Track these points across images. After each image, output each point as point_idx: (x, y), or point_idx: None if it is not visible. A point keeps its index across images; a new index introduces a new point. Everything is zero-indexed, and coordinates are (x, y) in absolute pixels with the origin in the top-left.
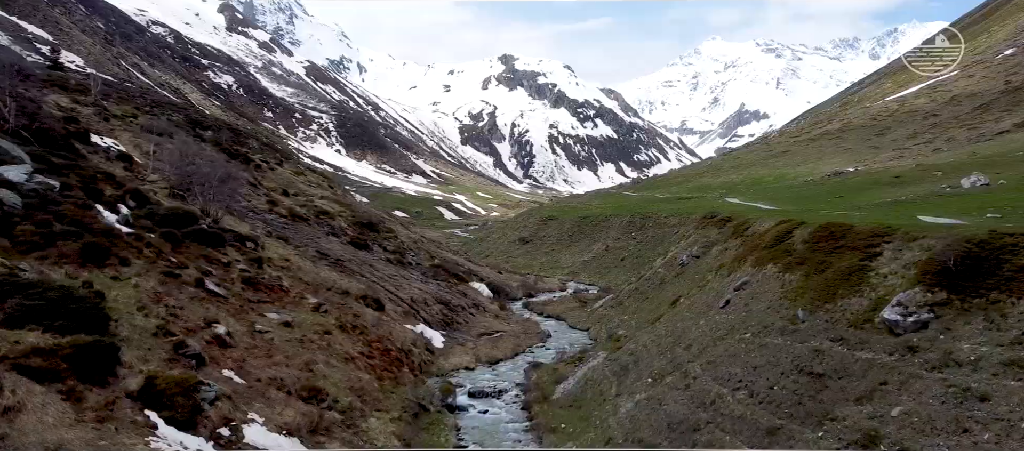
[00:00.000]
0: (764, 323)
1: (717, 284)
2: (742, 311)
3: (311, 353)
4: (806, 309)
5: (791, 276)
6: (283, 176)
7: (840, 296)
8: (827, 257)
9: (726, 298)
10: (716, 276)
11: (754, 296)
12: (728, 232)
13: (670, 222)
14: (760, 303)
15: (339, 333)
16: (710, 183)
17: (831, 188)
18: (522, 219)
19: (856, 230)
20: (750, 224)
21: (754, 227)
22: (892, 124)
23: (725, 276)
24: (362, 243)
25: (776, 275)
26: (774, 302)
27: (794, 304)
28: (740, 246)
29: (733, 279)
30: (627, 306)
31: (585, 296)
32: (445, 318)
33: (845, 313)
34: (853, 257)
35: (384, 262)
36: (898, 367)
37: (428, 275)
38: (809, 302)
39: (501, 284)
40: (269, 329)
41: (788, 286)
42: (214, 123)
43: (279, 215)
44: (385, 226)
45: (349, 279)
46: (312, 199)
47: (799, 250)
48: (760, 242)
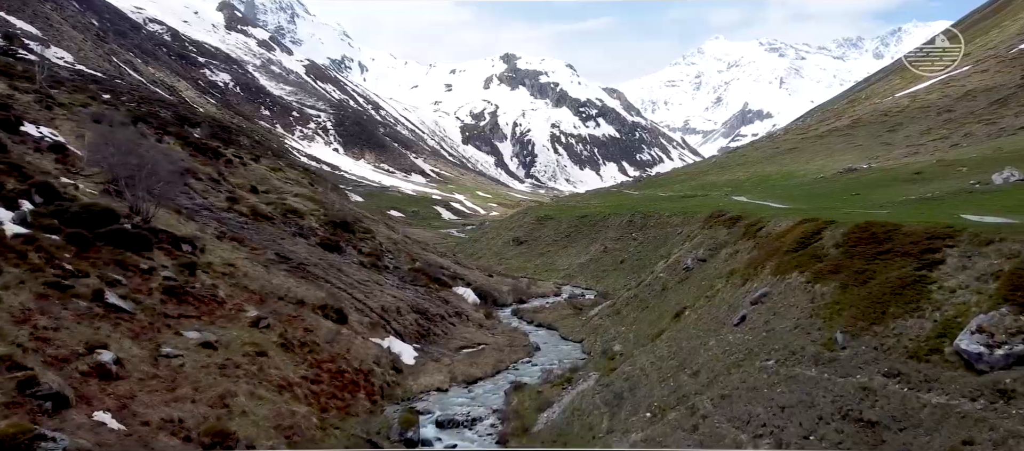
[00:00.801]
0: (791, 347)
1: (729, 295)
2: (762, 330)
3: (232, 382)
4: (847, 331)
5: (823, 287)
6: (257, 172)
7: (892, 316)
8: (869, 264)
9: (741, 313)
10: (727, 284)
11: (776, 312)
12: (739, 233)
13: (673, 222)
14: (785, 321)
15: (279, 354)
16: (715, 181)
17: (845, 185)
18: (517, 219)
19: (905, 231)
20: (763, 223)
21: (768, 227)
22: (904, 120)
23: (738, 285)
24: (333, 245)
25: (803, 286)
26: (803, 320)
27: (830, 324)
28: (753, 249)
29: (749, 289)
30: (625, 315)
31: (580, 302)
32: (420, 329)
33: (901, 339)
34: (905, 265)
35: (357, 266)
36: (988, 419)
37: (406, 280)
38: (850, 322)
39: (489, 289)
40: (181, 353)
41: (820, 300)
42: (203, 119)
43: (239, 214)
44: (362, 226)
45: (309, 286)
46: (284, 197)
47: (832, 255)
48: (780, 245)
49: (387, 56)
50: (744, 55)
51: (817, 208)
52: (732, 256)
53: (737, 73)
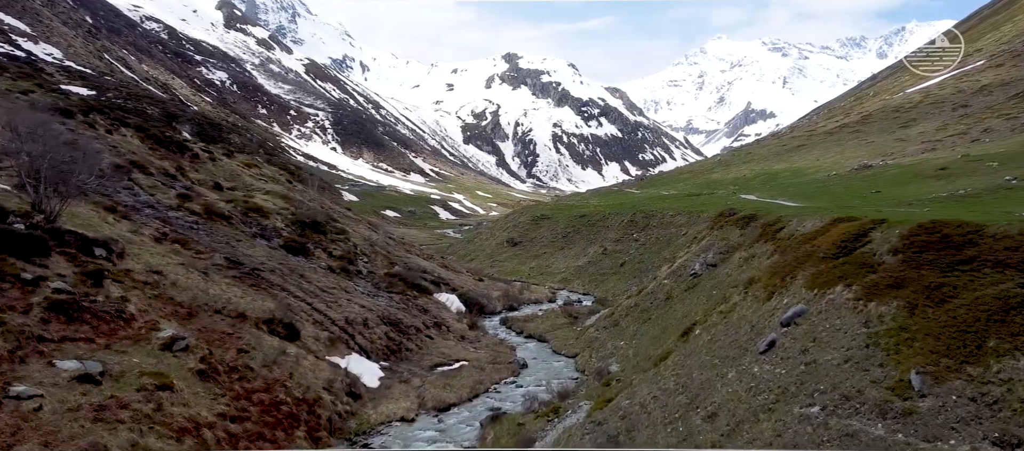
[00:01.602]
0: (843, 390)
1: (750, 311)
2: (799, 362)
3: (108, 430)
4: (926, 372)
5: (881, 307)
6: (227, 168)
7: (993, 352)
8: (945, 278)
9: (769, 337)
10: (746, 297)
11: (817, 338)
12: (754, 234)
13: (677, 221)
14: (830, 351)
15: (192, 385)
16: (720, 178)
17: (863, 182)
18: (512, 218)
19: (994, 233)
20: (783, 223)
21: (790, 227)
22: (917, 116)
23: (761, 299)
24: (299, 247)
25: (852, 304)
26: (856, 352)
27: (897, 359)
28: (773, 253)
29: (777, 306)
30: (624, 327)
31: (576, 310)
32: (390, 344)
33: (1015, 387)
34: (1003, 280)
35: (323, 271)
36: None
37: (380, 286)
38: (928, 358)
39: (476, 295)
40: (40, 392)
41: (878, 325)
42: (193, 116)
43: (189, 212)
44: (335, 226)
45: (257, 296)
46: (252, 194)
47: (888, 264)
48: (811, 250)
49: (389, 56)
50: (747, 55)
51: (840, 207)
52: (747, 261)
53: (740, 73)
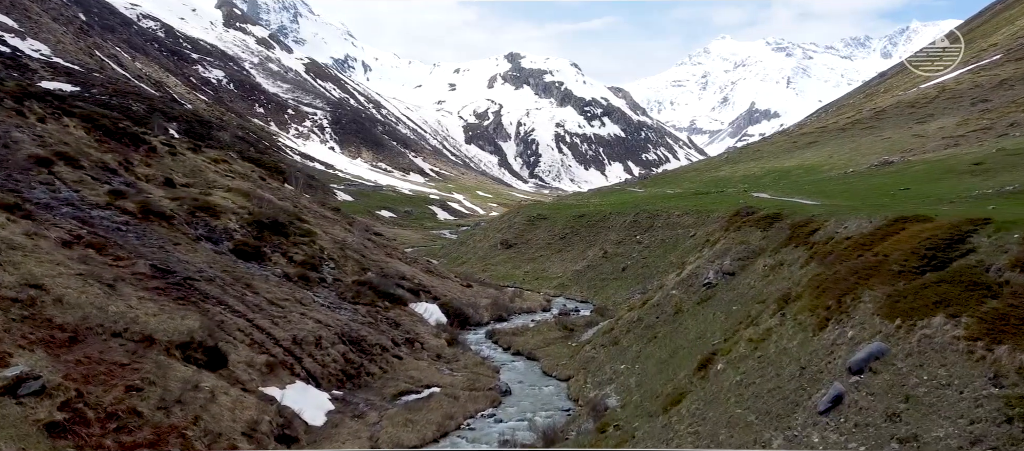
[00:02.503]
0: None
1: (793, 342)
2: (887, 435)
3: None
4: None
5: (1020, 355)
6: (188, 163)
7: None
8: None
9: (832, 390)
10: (785, 322)
11: (913, 397)
12: (780, 236)
13: (684, 222)
14: (940, 423)
15: (35, 444)
16: (728, 176)
17: (887, 179)
18: (507, 219)
19: None
20: (818, 224)
21: (827, 229)
22: (934, 111)
23: (810, 326)
24: (252, 251)
25: (966, 347)
26: (989, 429)
27: None
28: (808, 260)
29: (836, 338)
30: (626, 346)
31: (572, 321)
32: (347, 368)
33: None
34: None
35: (278, 279)
36: None
37: (346, 296)
38: None
39: (461, 305)
40: None
41: (1019, 383)
42: (181, 114)
43: (120, 211)
44: (301, 228)
45: (178, 312)
46: (209, 192)
47: (1018, 285)
48: (878, 260)
49: (391, 56)
50: (751, 55)
51: (872, 204)
52: (774, 270)
53: (744, 73)
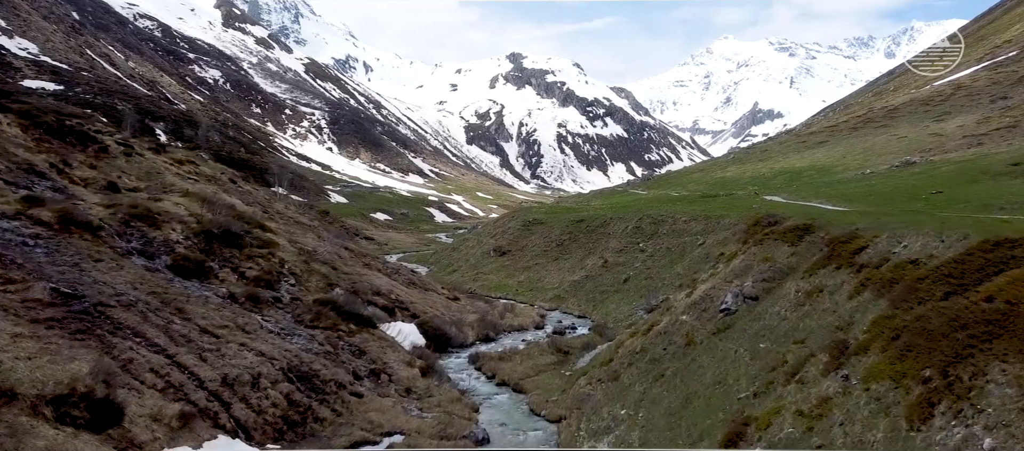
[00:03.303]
0: None
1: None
2: None
3: None
4: None
5: None
6: (144, 165)
7: None
8: None
9: None
10: (850, 390)
11: None
12: (815, 254)
13: (692, 229)
14: None
15: None
16: (736, 177)
17: (913, 181)
18: (502, 223)
19: None
20: (864, 240)
21: (878, 248)
22: (951, 109)
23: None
24: (193, 268)
25: None
26: None
27: None
28: (860, 288)
29: (958, 439)
30: (627, 384)
31: (566, 342)
32: (290, 413)
33: None
34: None
35: (221, 301)
36: None
37: (303, 319)
38: None
39: (443, 323)
40: None
41: None
42: (169, 113)
43: (31, 221)
44: (260, 237)
45: (67, 352)
46: (160, 197)
47: None
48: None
49: (392, 56)
50: (754, 55)
51: (905, 211)
52: (811, 298)
53: (747, 73)
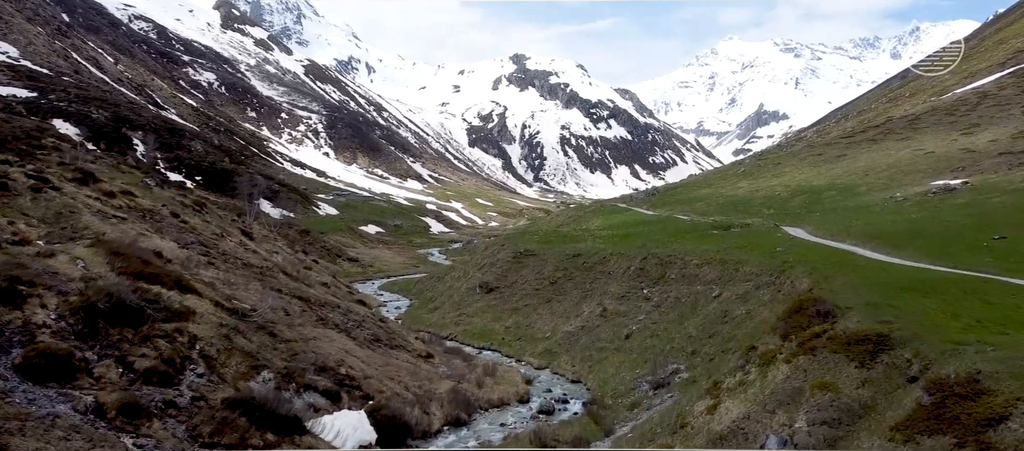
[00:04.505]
0: None
1: None
2: None
3: None
4: None
5: None
6: (60, 202)
7: None
8: None
9: None
10: None
11: None
12: (904, 396)
13: (705, 276)
14: None
15: None
16: (747, 196)
17: (962, 218)
18: (490, 254)
19: None
20: (1001, 404)
21: None
22: (979, 120)
23: None
24: (55, 365)
25: None
26: None
27: None
28: None
29: None
30: None
31: (554, 432)
32: None
33: None
34: None
35: (78, 419)
36: None
37: (202, 433)
38: None
39: (402, 407)
40: None
41: None
42: (146, 124)
43: None
44: (171, 304)
45: None
46: (52, 251)
47: None
48: None
49: (395, 57)
50: (759, 55)
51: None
52: None
53: (752, 74)
